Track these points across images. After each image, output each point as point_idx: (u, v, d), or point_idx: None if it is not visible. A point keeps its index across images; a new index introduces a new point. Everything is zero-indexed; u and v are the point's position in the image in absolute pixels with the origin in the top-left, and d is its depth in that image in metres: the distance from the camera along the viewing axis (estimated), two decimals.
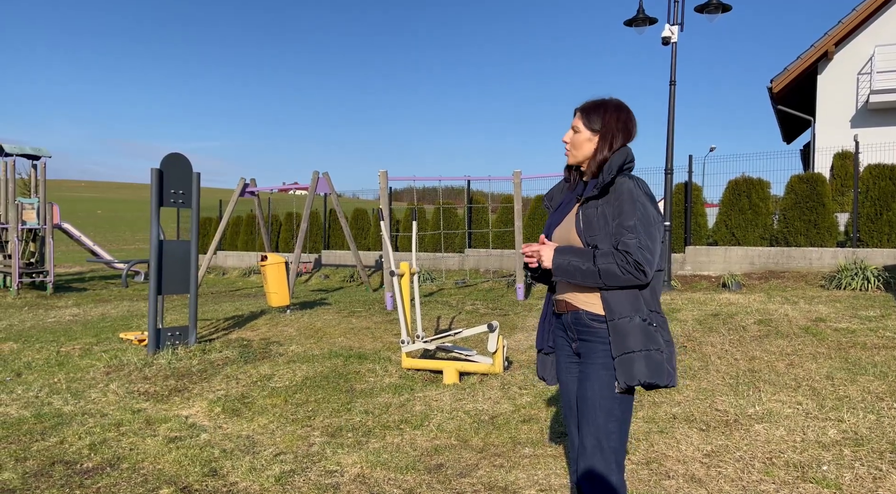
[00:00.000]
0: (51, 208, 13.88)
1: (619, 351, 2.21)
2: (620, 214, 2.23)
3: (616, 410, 2.25)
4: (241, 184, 12.15)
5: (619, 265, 2.17)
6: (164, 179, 6.68)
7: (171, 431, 4.43)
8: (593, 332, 2.29)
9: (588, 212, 2.29)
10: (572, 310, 2.35)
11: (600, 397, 2.24)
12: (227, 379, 5.64)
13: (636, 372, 2.19)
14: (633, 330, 2.20)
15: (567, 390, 2.46)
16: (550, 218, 2.48)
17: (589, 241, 2.27)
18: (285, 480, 3.54)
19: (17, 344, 7.66)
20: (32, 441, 4.24)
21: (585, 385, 2.28)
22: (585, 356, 2.33)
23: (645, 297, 2.25)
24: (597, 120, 2.34)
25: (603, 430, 2.23)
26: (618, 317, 2.22)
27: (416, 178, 9.34)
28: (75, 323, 9.21)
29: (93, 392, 5.45)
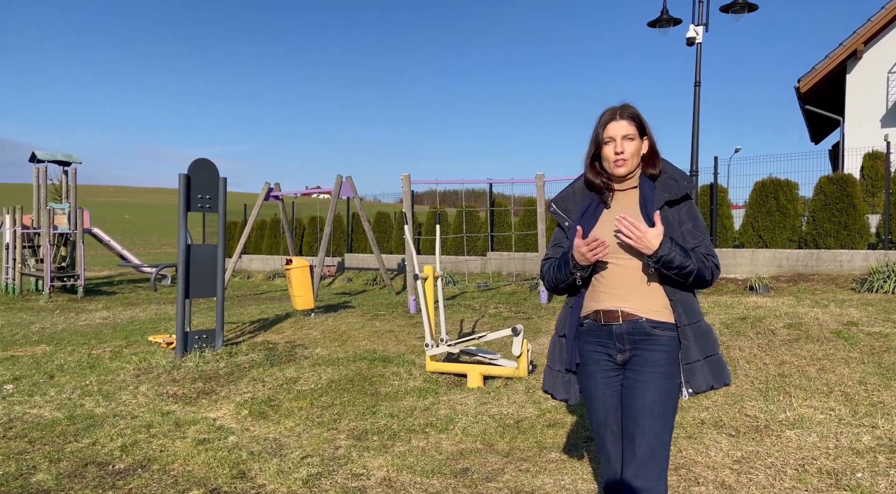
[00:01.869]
0: (81, 213, 14.14)
1: (692, 357, 2.24)
2: (692, 220, 2.32)
3: (671, 420, 2.28)
4: (266, 188, 12.27)
5: (707, 267, 2.25)
6: (191, 184, 6.77)
7: (200, 433, 4.48)
8: (653, 340, 2.27)
9: (663, 216, 2.28)
10: (630, 319, 2.28)
11: (661, 405, 2.24)
12: (254, 382, 5.70)
13: (710, 378, 2.24)
14: (701, 336, 2.26)
15: (605, 405, 2.36)
16: (578, 222, 2.36)
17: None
18: (312, 483, 3.57)
19: (49, 347, 7.81)
20: (66, 443, 4.32)
21: (644, 394, 2.24)
22: (640, 365, 2.28)
23: (697, 303, 2.34)
24: (642, 124, 2.35)
25: (659, 440, 2.24)
26: (688, 323, 2.26)
27: (439, 182, 9.37)
28: (105, 326, 9.36)
29: (123, 394, 5.54)
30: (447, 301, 10.17)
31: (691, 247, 2.28)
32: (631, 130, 2.30)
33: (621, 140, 2.30)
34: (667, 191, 2.31)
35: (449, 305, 9.43)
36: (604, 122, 2.34)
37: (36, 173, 14.76)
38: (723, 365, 2.31)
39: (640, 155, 2.34)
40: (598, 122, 2.35)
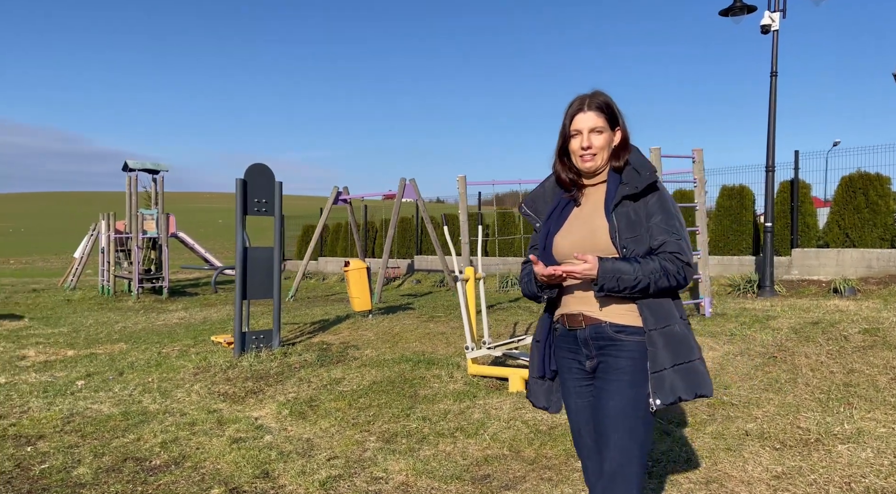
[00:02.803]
0: (167, 218, 14.93)
1: (657, 366, 2.05)
2: (658, 215, 2.10)
3: (640, 430, 2.08)
4: (335, 192, 12.54)
5: (668, 270, 2.04)
6: (247, 189, 7.00)
7: (238, 432, 4.61)
8: (618, 346, 2.11)
9: (620, 213, 2.10)
10: (592, 324, 2.15)
11: (624, 416, 2.07)
12: (300, 382, 5.82)
13: (679, 388, 2.04)
14: (672, 342, 2.06)
15: (577, 416, 2.26)
16: (545, 224, 2.25)
17: (625, 245, 2.08)
18: (330, 485, 3.59)
19: (126, 345, 8.28)
20: (113, 438, 4.54)
21: (608, 404, 2.10)
22: (605, 372, 2.14)
23: (676, 304, 2.14)
24: (613, 115, 2.17)
25: (626, 452, 2.07)
26: (656, 328, 2.07)
27: (496, 182, 9.26)
28: (180, 325, 9.84)
29: (179, 391, 5.78)
30: (510, 302, 10.05)
31: (658, 244, 2.08)
32: (600, 122, 2.14)
33: (588, 133, 2.14)
34: (627, 185, 2.12)
35: (507, 308, 9.32)
36: (571, 114, 2.18)
37: (128, 181, 15.70)
38: (700, 373, 2.09)
39: (610, 148, 2.17)
40: (566, 113, 2.19)
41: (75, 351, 8.06)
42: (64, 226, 57.81)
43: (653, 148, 7.38)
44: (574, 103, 2.18)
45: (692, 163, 7.77)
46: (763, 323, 6.85)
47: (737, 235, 11.70)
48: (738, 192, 11.74)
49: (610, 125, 2.17)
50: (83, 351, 8.01)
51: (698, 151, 7.73)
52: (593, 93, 2.19)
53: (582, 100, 2.18)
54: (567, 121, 2.18)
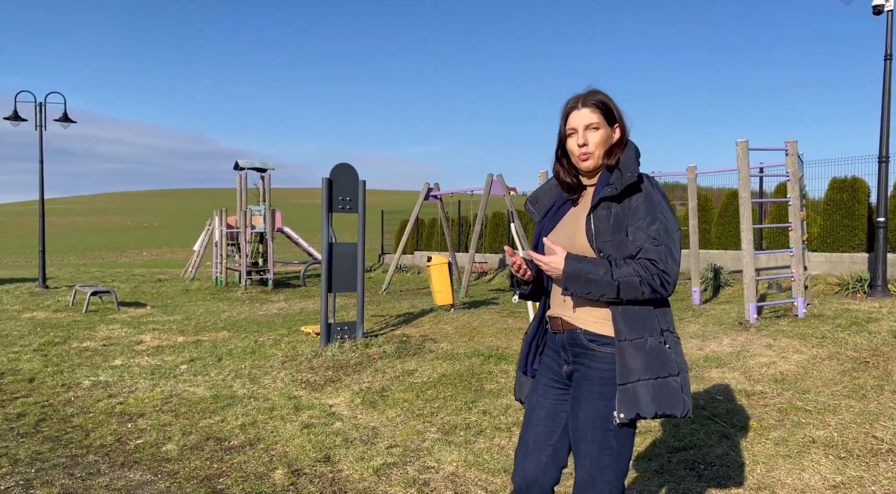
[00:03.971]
0: (272, 214, 15.83)
1: (625, 378, 1.97)
2: (640, 219, 2.00)
3: (612, 442, 2.03)
4: (426, 188, 12.84)
5: (641, 276, 1.95)
6: (333, 187, 7.36)
7: (312, 418, 4.92)
8: (591, 355, 2.07)
9: (600, 215, 2.04)
10: (568, 329, 2.12)
11: (593, 428, 2.04)
12: (376, 372, 6.09)
13: (643, 404, 1.96)
14: (644, 354, 1.98)
15: (531, 412, 2.23)
16: (539, 224, 2.25)
17: (602, 248, 2.03)
18: (383, 472, 3.79)
19: (229, 333, 8.93)
20: (201, 418, 4.98)
21: (578, 414, 2.08)
22: (578, 382, 2.10)
23: (659, 314, 2.04)
24: (610, 112, 2.11)
25: (596, 464, 2.04)
26: (628, 338, 1.99)
27: None
28: (278, 316, 10.46)
29: (266, 378, 6.21)
30: None
31: (636, 249, 2.00)
32: (595, 119, 2.08)
33: (584, 131, 2.09)
34: (609, 188, 2.04)
35: None
36: (565, 113, 2.13)
37: (239, 179, 16.75)
38: (671, 391, 1.98)
39: (603, 148, 2.11)
40: (561, 114, 2.15)
41: (185, 337, 8.77)
42: (192, 221, 62.19)
43: (739, 141, 7.08)
44: (569, 102, 2.15)
45: (785, 155, 7.38)
46: (861, 326, 6.43)
47: (848, 231, 10.95)
48: (850, 185, 10.98)
49: (607, 121, 2.11)
50: (191, 338, 8.70)
51: (792, 143, 7.32)
52: (588, 92, 2.14)
53: (577, 98, 2.14)
54: (562, 120, 2.15)
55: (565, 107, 2.15)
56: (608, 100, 2.13)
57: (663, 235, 2.00)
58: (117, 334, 9.03)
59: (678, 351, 2.06)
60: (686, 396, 2.02)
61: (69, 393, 5.87)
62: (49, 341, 8.39)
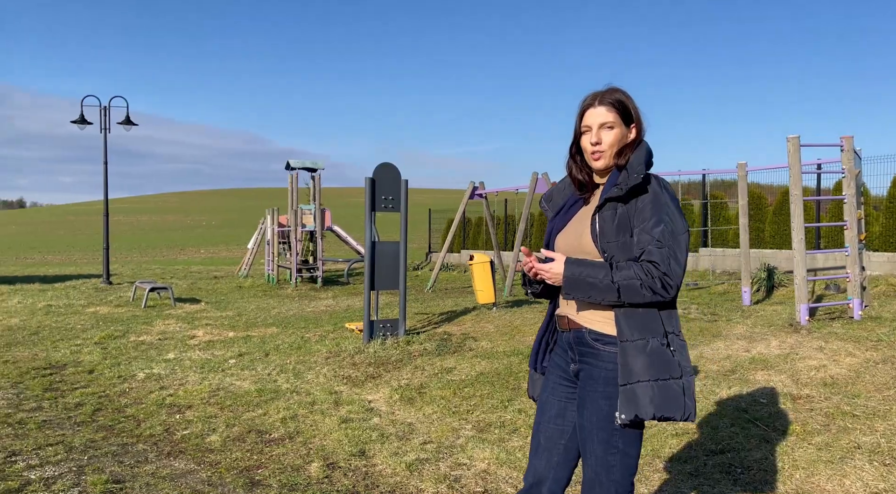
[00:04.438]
0: (322, 213, 16.13)
1: (626, 379, 1.97)
2: (645, 220, 1.99)
3: (617, 442, 2.03)
4: (471, 187, 12.87)
5: (641, 279, 1.94)
6: (375, 186, 7.47)
7: (350, 413, 5.01)
8: (595, 354, 2.07)
9: (605, 216, 2.03)
10: (574, 329, 2.13)
11: (598, 428, 2.04)
12: (416, 369, 6.16)
13: (643, 406, 1.94)
14: (645, 356, 1.96)
15: (542, 410, 2.24)
16: (551, 222, 2.25)
17: (606, 249, 2.02)
18: (415, 467, 3.85)
19: (277, 329, 9.15)
20: (245, 411, 5.14)
21: (583, 413, 2.09)
22: (583, 381, 2.11)
23: (663, 317, 2.02)
24: (627, 112, 2.09)
25: (602, 463, 2.04)
26: (629, 339, 1.98)
27: None
28: (325, 313, 10.66)
29: (309, 373, 6.36)
30: None
31: (639, 251, 1.98)
32: (610, 118, 2.06)
33: (598, 129, 2.07)
34: (615, 188, 2.03)
35: None
36: (581, 110, 2.12)
37: (290, 179, 17.12)
38: (672, 394, 1.96)
39: (617, 147, 2.08)
40: (578, 111, 2.13)
41: (235, 332, 9.04)
42: (247, 219, 63.85)
43: (790, 137, 6.87)
44: (586, 99, 2.13)
45: (840, 151, 7.12)
46: None
47: None
48: None
49: (623, 121, 2.09)
50: (241, 333, 8.96)
51: (847, 139, 7.06)
52: (607, 90, 2.11)
53: (594, 96, 2.11)
54: (578, 117, 2.13)
55: (582, 104, 2.13)
56: (626, 99, 2.11)
57: (668, 238, 1.97)
58: (172, 329, 9.37)
59: (683, 354, 2.03)
60: (689, 400, 1.99)
61: (124, 385, 6.13)
62: (109, 335, 8.77)
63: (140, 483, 3.71)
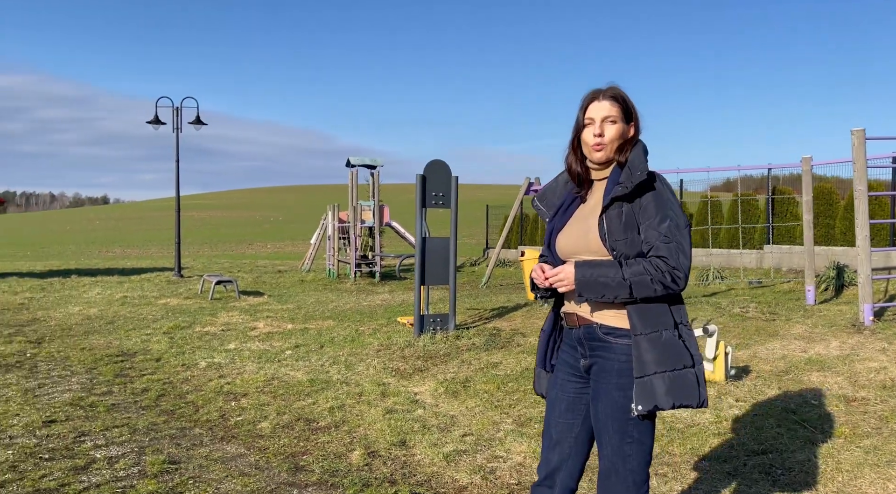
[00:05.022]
0: (381, 209, 16.41)
1: (641, 371, 2.02)
2: (650, 217, 2.05)
3: (633, 431, 2.09)
4: (527, 183, 12.85)
5: (651, 275, 1.99)
6: (426, 183, 7.59)
7: (396, 404, 5.15)
8: (608, 348, 2.12)
9: (612, 215, 2.08)
10: (584, 325, 2.17)
11: (613, 419, 2.10)
12: (462, 363, 6.25)
13: (659, 396, 2.01)
14: (660, 348, 2.02)
15: (552, 407, 2.29)
16: (551, 222, 2.29)
17: (615, 247, 2.07)
18: (452, 458, 3.94)
19: (333, 322, 9.41)
20: (296, 400, 5.35)
21: (598, 405, 2.14)
22: (597, 374, 2.15)
23: (673, 309, 2.08)
24: (628, 109, 2.15)
25: (618, 452, 2.10)
26: (643, 333, 2.03)
27: (679, 171, 8.86)
28: (381, 307, 10.88)
29: (360, 365, 6.54)
30: (705, 297, 9.63)
31: (647, 247, 2.03)
32: (613, 112, 2.12)
33: (601, 122, 2.12)
34: (620, 185, 2.07)
35: (696, 301, 8.92)
36: (585, 104, 2.18)
37: (350, 175, 17.49)
38: (687, 382, 2.03)
39: (618, 143, 2.14)
40: (580, 105, 2.19)
41: (293, 325, 9.35)
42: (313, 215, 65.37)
43: (855, 129, 6.60)
44: (589, 94, 2.19)
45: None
46: None
47: None
48: None
49: (624, 117, 2.14)
50: (299, 326, 9.26)
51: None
52: (609, 86, 2.18)
53: (597, 91, 2.18)
54: (581, 112, 2.19)
55: (585, 98, 2.19)
56: (627, 97, 2.18)
57: (674, 232, 2.04)
58: (235, 320, 9.76)
59: (692, 343, 2.09)
60: (702, 388, 2.06)
61: (187, 373, 6.46)
62: (177, 325, 9.22)
63: (194, 464, 3.94)
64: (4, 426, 4.66)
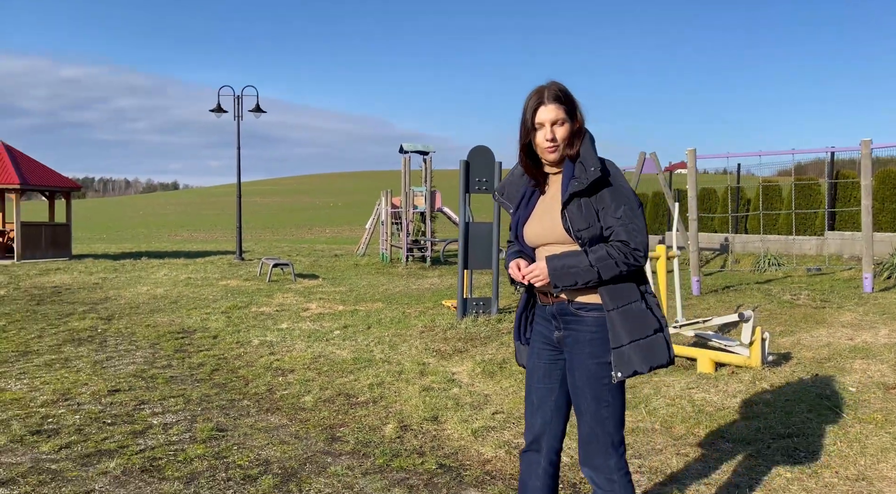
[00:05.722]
0: (432, 195, 16.61)
1: (617, 342, 2.20)
2: (607, 206, 2.20)
3: (607, 396, 2.26)
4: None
5: (615, 259, 2.17)
6: (470, 169, 7.71)
7: (433, 383, 5.34)
8: (580, 321, 2.28)
9: (572, 209, 2.22)
10: (557, 302, 2.33)
11: (589, 387, 2.26)
12: (500, 346, 6.39)
13: (635, 363, 2.20)
14: (631, 319, 2.20)
15: (531, 374, 2.47)
16: (515, 213, 2.41)
17: (580, 236, 2.21)
18: (480, 434, 4.10)
19: (382, 304, 9.68)
20: (339, 377, 5.61)
21: (575, 374, 2.30)
22: (570, 346, 2.31)
23: (637, 280, 2.25)
24: (573, 106, 2.25)
25: (596, 417, 2.26)
26: (615, 307, 2.21)
27: (730, 155, 8.69)
28: (429, 290, 11.11)
29: (403, 346, 6.76)
30: (760, 284, 9.46)
31: (608, 233, 2.20)
32: (561, 114, 2.22)
33: (551, 126, 2.22)
34: (577, 181, 2.20)
35: (744, 289, 8.78)
36: (532, 107, 2.24)
37: (403, 162, 17.74)
38: (657, 346, 2.21)
39: (567, 140, 2.25)
40: (526, 107, 2.27)
41: (344, 306, 9.67)
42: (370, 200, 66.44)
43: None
44: (533, 97, 2.26)
45: None
46: None
47: None
48: None
49: (569, 115, 2.24)
50: (349, 308, 9.57)
51: None
52: (549, 85, 2.25)
53: (540, 92, 2.25)
54: (529, 114, 2.26)
55: (529, 102, 2.26)
56: (568, 92, 2.27)
57: (630, 216, 2.21)
58: (289, 301, 10.16)
59: (657, 309, 2.26)
60: (670, 348, 2.25)
61: (240, 349, 6.82)
62: (234, 305, 9.67)
63: (239, 432, 4.23)
64: (74, 394, 5.08)
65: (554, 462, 2.45)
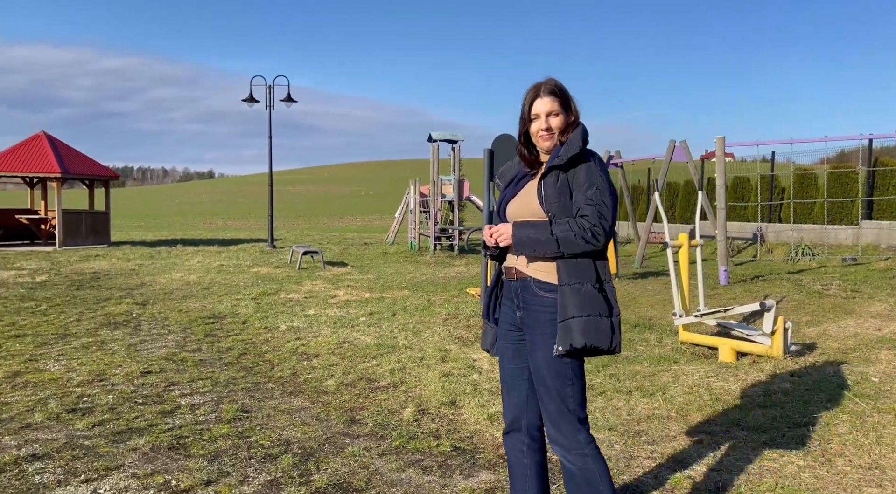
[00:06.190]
0: (460, 184, 16.65)
1: (563, 315, 2.27)
2: (580, 185, 2.32)
3: (569, 373, 2.33)
4: (606, 156, 12.70)
5: (574, 232, 2.26)
6: (493, 157, 7.73)
7: (454, 369, 5.42)
8: (540, 301, 2.36)
9: (549, 181, 2.35)
10: (521, 277, 2.43)
11: (549, 367, 2.33)
12: None
13: (575, 337, 2.24)
14: (580, 296, 2.26)
15: (501, 355, 2.56)
16: (503, 193, 2.56)
17: (550, 209, 2.33)
18: (495, 418, 4.16)
19: (409, 292, 9.80)
20: (362, 362, 5.72)
21: (536, 354, 2.38)
22: (529, 326, 2.40)
23: (598, 266, 2.33)
24: (567, 100, 2.41)
25: (561, 395, 2.33)
26: (567, 284, 2.29)
27: (760, 143, 8.56)
28: (455, 278, 11.18)
29: (426, 333, 6.85)
30: (791, 274, 9.33)
31: (576, 210, 2.28)
32: (555, 106, 2.38)
33: (546, 116, 2.38)
34: (557, 159, 2.33)
35: (775, 280, 8.67)
36: (529, 100, 2.43)
37: (432, 150, 17.80)
38: (602, 328, 2.25)
39: (565, 126, 2.39)
40: (524, 100, 2.44)
41: (371, 294, 9.81)
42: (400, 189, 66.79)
43: None
44: (530, 91, 2.44)
45: None
46: None
47: None
48: None
49: (563, 108, 2.40)
50: (376, 295, 9.71)
51: None
52: (546, 81, 2.43)
53: (537, 87, 2.43)
54: (526, 106, 2.44)
55: (527, 96, 2.45)
56: (563, 87, 2.44)
57: (598, 197, 2.30)
58: (318, 288, 10.34)
59: (613, 298, 2.32)
60: (616, 335, 2.29)
61: (268, 334, 7.00)
62: (264, 291, 9.88)
63: (263, 413, 4.37)
64: (108, 375, 5.28)
65: (537, 437, 2.55)
